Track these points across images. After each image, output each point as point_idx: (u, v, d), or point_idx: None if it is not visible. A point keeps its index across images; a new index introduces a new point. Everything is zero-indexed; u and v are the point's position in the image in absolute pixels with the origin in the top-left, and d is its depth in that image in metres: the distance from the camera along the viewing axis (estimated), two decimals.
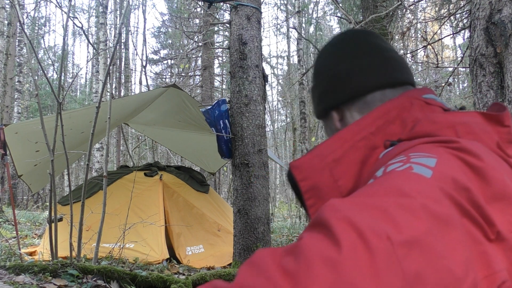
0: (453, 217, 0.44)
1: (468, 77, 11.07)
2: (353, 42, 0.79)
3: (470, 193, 0.47)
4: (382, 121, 0.67)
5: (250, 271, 0.41)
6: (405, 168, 0.49)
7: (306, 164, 0.66)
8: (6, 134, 3.80)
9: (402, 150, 0.57)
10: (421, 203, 0.43)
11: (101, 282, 2.57)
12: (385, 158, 0.59)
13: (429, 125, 0.61)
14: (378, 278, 0.37)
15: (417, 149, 0.55)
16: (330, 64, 0.79)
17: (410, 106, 0.67)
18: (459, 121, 0.60)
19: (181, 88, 4.67)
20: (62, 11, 11.81)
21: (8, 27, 10.57)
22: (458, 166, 0.50)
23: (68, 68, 25.23)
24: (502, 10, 1.82)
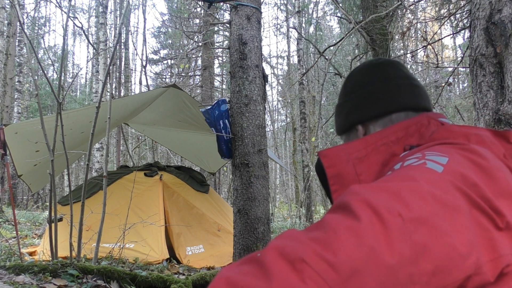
0: (461, 206, 0.49)
1: (468, 77, 11.07)
2: (387, 67, 0.88)
3: (478, 188, 0.52)
4: (403, 133, 0.76)
5: (283, 240, 0.47)
6: (420, 163, 0.56)
7: (333, 154, 0.75)
8: (6, 134, 3.80)
9: (419, 150, 0.64)
10: (429, 190, 0.49)
11: (101, 282, 2.57)
12: (404, 156, 0.66)
13: (445, 133, 0.70)
14: (391, 245, 0.44)
15: (432, 149, 0.62)
16: (364, 83, 0.88)
17: (428, 124, 0.76)
18: (472, 132, 0.68)
19: (181, 88, 4.67)
20: (62, 11, 11.81)
21: (8, 27, 10.56)
22: (467, 165, 0.56)
23: (68, 68, 25.23)
24: (502, 10, 1.82)
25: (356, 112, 0.86)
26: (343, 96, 0.91)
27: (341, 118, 0.90)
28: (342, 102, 0.91)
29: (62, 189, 15.23)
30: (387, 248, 0.44)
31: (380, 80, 0.86)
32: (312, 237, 0.46)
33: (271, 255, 0.45)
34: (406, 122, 0.78)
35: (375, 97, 0.85)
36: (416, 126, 0.77)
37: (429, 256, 0.44)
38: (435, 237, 0.45)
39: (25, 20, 14.56)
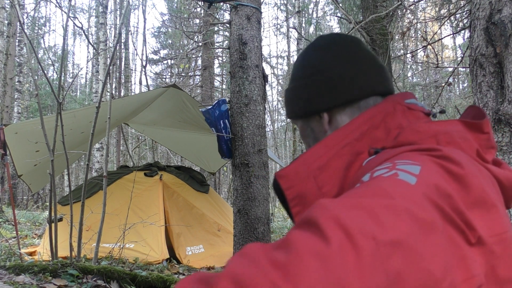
0: (435, 222, 0.46)
1: (468, 77, 11.08)
2: (349, 46, 0.79)
3: (451, 199, 0.49)
4: (367, 127, 0.69)
5: (241, 261, 0.42)
6: (391, 174, 0.51)
7: (292, 173, 0.68)
8: (6, 134, 3.80)
9: (388, 158, 0.58)
10: (405, 206, 0.45)
11: (101, 282, 2.57)
12: (370, 164, 0.61)
13: (412, 135, 0.63)
14: (363, 275, 0.39)
15: (403, 156, 0.57)
16: (328, 65, 0.77)
17: (394, 112, 0.70)
18: (441, 131, 0.63)
19: (181, 88, 4.67)
20: (62, 11, 11.81)
21: (8, 27, 10.57)
22: (440, 174, 0.52)
23: (68, 68, 25.23)
24: (502, 10, 1.82)
25: (320, 99, 0.77)
26: (301, 78, 0.80)
27: (299, 103, 0.79)
28: (300, 85, 0.80)
29: (62, 189, 15.24)
30: (357, 279, 0.39)
31: (344, 61, 0.77)
32: (273, 259, 0.41)
33: (224, 284, 0.40)
34: (369, 113, 0.71)
35: (341, 82, 0.76)
36: (380, 114, 0.70)
37: (403, 285, 0.40)
38: (411, 263, 0.41)
39: (25, 20, 14.56)
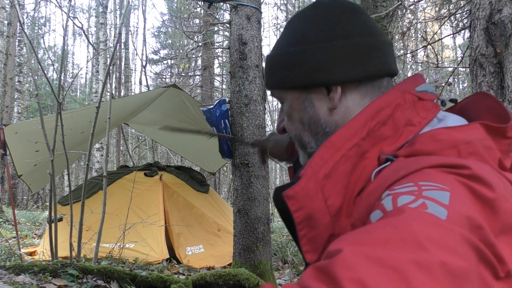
0: (471, 269, 0.41)
1: (468, 77, 11.08)
2: (365, 16, 0.68)
3: (483, 231, 0.44)
4: (374, 122, 0.61)
5: None
6: (418, 205, 0.45)
7: (301, 192, 0.58)
8: (6, 134, 3.80)
9: (407, 174, 0.51)
10: (439, 260, 0.39)
11: (101, 282, 2.57)
12: (385, 178, 0.54)
13: (430, 143, 0.56)
14: None
15: (427, 176, 0.49)
16: (353, 30, 0.66)
17: (403, 103, 0.62)
18: (463, 140, 0.55)
19: (181, 88, 4.67)
20: (62, 11, 11.81)
21: (8, 27, 10.56)
22: (471, 201, 0.47)
23: (68, 68, 25.24)
24: (502, 10, 1.82)
25: (337, 68, 0.64)
26: (312, 41, 0.66)
27: (305, 70, 0.66)
28: (310, 49, 0.66)
29: (62, 189, 15.24)
30: None
31: (369, 30, 0.66)
32: None
33: None
34: (376, 104, 0.62)
35: (365, 52, 0.65)
36: (389, 108, 0.62)
37: None
38: None
39: (25, 20, 14.56)
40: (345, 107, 0.66)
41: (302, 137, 0.70)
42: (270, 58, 0.72)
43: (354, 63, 0.64)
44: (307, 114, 0.68)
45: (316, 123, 0.67)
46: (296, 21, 0.70)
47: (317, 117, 0.67)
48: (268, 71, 0.71)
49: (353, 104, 0.66)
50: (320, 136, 0.68)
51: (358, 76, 0.65)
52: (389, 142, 0.60)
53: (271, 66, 0.71)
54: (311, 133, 0.68)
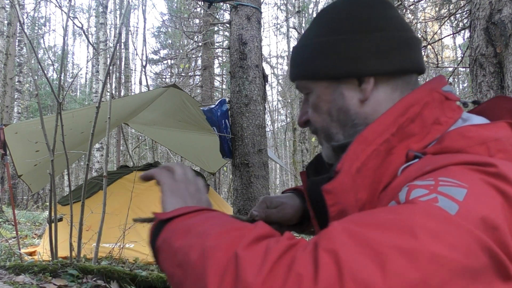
0: (472, 267, 0.40)
1: (468, 77, 11.08)
2: (395, 10, 0.69)
3: (498, 232, 0.43)
4: (404, 119, 0.61)
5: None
6: (429, 199, 0.45)
7: (339, 187, 0.59)
8: (6, 134, 3.80)
9: (431, 170, 0.51)
10: (429, 250, 0.40)
11: (101, 282, 2.57)
12: (409, 173, 0.54)
13: (460, 140, 0.56)
14: None
15: (449, 173, 0.49)
16: (390, 24, 0.66)
17: (432, 102, 0.63)
18: (491, 137, 0.56)
19: (181, 88, 4.67)
20: (62, 11, 11.81)
21: (8, 27, 10.56)
22: (493, 199, 0.46)
23: (68, 68, 25.23)
24: (502, 10, 1.82)
25: (372, 60, 0.64)
26: (347, 31, 0.66)
27: (338, 59, 0.65)
28: (343, 39, 0.65)
29: (62, 189, 15.23)
30: None
31: (398, 27, 0.66)
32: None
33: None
34: (407, 101, 0.62)
35: (397, 47, 0.65)
36: (418, 105, 0.62)
37: None
38: None
39: (25, 20, 14.56)
40: (375, 100, 0.66)
41: (329, 129, 0.69)
42: (298, 48, 0.71)
43: (388, 56, 0.65)
44: (337, 105, 0.67)
45: (346, 114, 0.67)
46: (328, 12, 0.69)
47: (347, 108, 0.67)
48: (296, 61, 0.70)
49: (383, 97, 0.66)
50: (348, 127, 0.67)
51: (391, 69, 0.65)
52: (416, 139, 0.60)
53: (300, 56, 0.70)
54: (339, 125, 0.68)
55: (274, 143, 14.59)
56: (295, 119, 12.58)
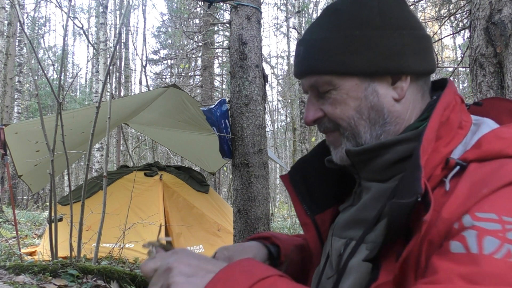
0: None
1: (468, 77, 11.08)
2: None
3: None
4: (440, 122, 0.60)
5: None
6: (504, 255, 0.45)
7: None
8: (6, 134, 3.80)
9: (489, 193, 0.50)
10: None
11: (101, 282, 2.57)
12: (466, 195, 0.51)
13: (497, 142, 0.55)
14: None
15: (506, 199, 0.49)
16: (417, 23, 0.65)
17: (456, 105, 0.62)
18: None
19: (181, 88, 4.67)
20: (62, 11, 11.81)
21: (8, 27, 10.56)
22: None
23: (68, 68, 25.23)
24: (502, 10, 1.82)
25: (409, 57, 0.62)
26: (378, 27, 0.62)
27: (373, 55, 0.62)
28: (377, 35, 0.62)
29: (62, 189, 15.23)
30: None
31: (422, 27, 0.65)
32: None
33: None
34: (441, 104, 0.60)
35: (427, 47, 0.64)
36: (448, 110, 0.61)
37: None
38: None
39: (25, 20, 14.56)
40: (406, 99, 0.64)
41: (357, 127, 0.65)
42: (316, 41, 0.65)
43: (421, 55, 0.63)
44: (369, 103, 0.64)
45: (378, 113, 0.64)
46: (352, 5, 0.65)
47: (381, 107, 0.64)
48: (317, 55, 0.65)
49: (412, 97, 0.65)
50: (378, 127, 0.64)
51: (423, 68, 0.64)
52: (444, 143, 0.59)
53: (322, 50, 0.64)
54: (369, 123, 0.65)
55: (274, 143, 14.59)
56: (295, 119, 12.58)
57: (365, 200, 0.67)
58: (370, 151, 0.64)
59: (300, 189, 0.78)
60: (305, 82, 0.68)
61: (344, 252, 0.66)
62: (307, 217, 0.77)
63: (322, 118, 0.68)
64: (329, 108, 0.66)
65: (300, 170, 0.78)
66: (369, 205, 0.66)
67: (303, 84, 0.69)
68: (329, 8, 0.68)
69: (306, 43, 0.67)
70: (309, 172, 0.78)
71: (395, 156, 0.62)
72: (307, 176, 0.78)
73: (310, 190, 0.77)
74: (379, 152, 0.63)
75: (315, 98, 0.68)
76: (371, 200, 0.66)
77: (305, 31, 0.69)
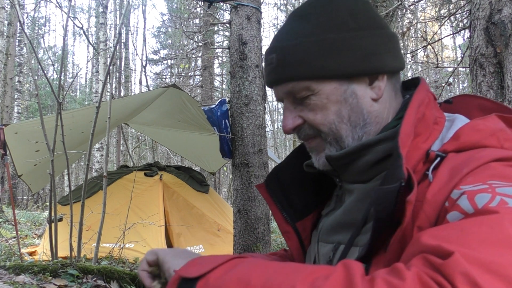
0: None
1: (468, 77, 11.08)
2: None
3: None
4: (416, 119, 0.61)
5: None
6: (499, 202, 0.46)
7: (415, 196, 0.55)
8: (6, 134, 3.80)
9: (470, 171, 0.52)
10: None
11: (101, 282, 2.57)
12: (448, 177, 0.53)
13: (474, 134, 0.58)
14: None
15: (488, 171, 0.51)
16: (383, 22, 0.66)
17: (429, 102, 0.64)
18: (497, 128, 0.58)
19: (181, 88, 4.67)
20: (62, 11, 11.81)
21: (8, 27, 10.56)
22: None
23: (68, 68, 25.23)
24: (502, 10, 1.82)
25: (386, 56, 0.62)
26: (354, 28, 0.62)
27: (352, 56, 0.61)
28: (355, 36, 0.62)
29: (62, 189, 15.23)
30: None
31: (387, 26, 0.66)
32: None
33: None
34: (416, 101, 0.61)
35: (397, 44, 0.65)
36: (423, 105, 0.62)
37: None
38: None
39: (25, 20, 14.56)
40: (383, 98, 0.65)
41: (339, 131, 0.64)
42: (291, 47, 0.63)
43: (393, 53, 0.64)
44: (349, 105, 0.63)
45: (358, 114, 0.64)
46: (321, 9, 0.64)
47: (360, 108, 0.64)
48: (293, 61, 0.63)
49: (387, 94, 0.65)
50: (359, 128, 0.64)
51: (397, 66, 0.64)
52: (423, 139, 0.60)
53: (297, 55, 0.62)
54: (351, 126, 0.64)
55: (274, 143, 14.59)
56: None
57: (349, 202, 0.67)
58: (351, 154, 0.63)
59: (278, 197, 0.76)
60: (281, 89, 0.66)
61: (334, 257, 0.66)
62: (288, 225, 0.75)
63: (302, 125, 0.67)
64: (309, 115, 0.65)
65: (276, 178, 0.77)
66: (354, 208, 0.65)
67: (277, 92, 0.67)
68: (297, 13, 0.67)
69: (278, 50, 0.65)
70: (286, 179, 0.76)
71: (376, 156, 0.62)
72: (284, 183, 0.76)
73: (288, 197, 0.76)
74: (360, 153, 0.63)
75: (292, 105, 0.67)
76: (355, 202, 0.65)
77: (274, 38, 0.67)
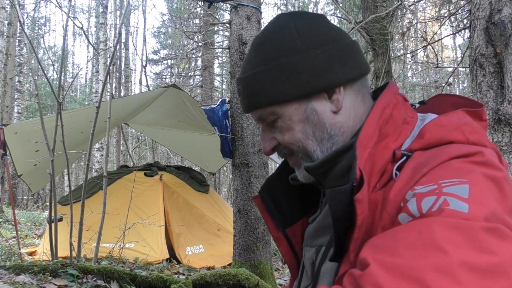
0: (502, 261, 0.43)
1: (468, 77, 11.08)
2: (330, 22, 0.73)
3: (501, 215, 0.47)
4: (381, 121, 0.63)
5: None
6: (440, 204, 0.48)
7: (366, 195, 0.57)
8: (6, 134, 3.80)
9: (428, 171, 0.54)
10: (460, 260, 0.42)
11: (101, 282, 2.57)
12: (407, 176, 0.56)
13: (438, 130, 0.60)
14: None
15: (446, 171, 0.52)
16: (339, 34, 0.68)
17: (397, 103, 0.66)
18: (461, 122, 0.60)
19: (181, 88, 4.67)
20: (62, 11, 11.82)
21: (8, 27, 10.56)
22: (490, 189, 0.50)
23: (68, 68, 25.23)
24: (502, 10, 1.82)
25: (338, 69, 0.65)
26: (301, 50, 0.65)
27: (303, 78, 0.64)
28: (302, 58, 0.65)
29: (62, 189, 15.23)
30: None
31: (343, 35, 0.69)
32: None
33: None
34: (381, 103, 0.64)
35: (352, 53, 0.67)
36: (389, 107, 0.64)
37: None
38: None
39: (25, 20, 14.56)
40: (345, 108, 0.67)
41: (307, 147, 0.68)
42: (249, 77, 0.68)
43: (349, 63, 0.66)
44: (311, 122, 0.67)
45: (322, 129, 0.67)
46: (271, 36, 0.68)
47: (322, 123, 0.67)
48: (254, 91, 0.68)
49: (350, 103, 0.68)
50: (325, 141, 0.67)
51: (354, 75, 0.67)
52: (392, 139, 0.63)
53: (257, 84, 0.67)
54: (316, 141, 0.68)
55: None
56: None
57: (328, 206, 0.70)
58: (326, 163, 0.66)
59: (269, 206, 0.81)
60: (253, 115, 0.72)
61: (316, 259, 0.70)
62: (278, 231, 0.81)
63: (278, 146, 0.72)
64: (279, 136, 0.70)
65: (268, 188, 0.82)
66: None
67: (252, 117, 0.73)
68: (254, 42, 0.71)
69: (243, 81, 0.70)
70: (276, 189, 0.82)
71: (350, 160, 0.64)
72: (275, 193, 0.82)
73: (278, 205, 0.81)
74: (335, 160, 0.65)
75: (267, 128, 0.72)
76: None
77: (241, 69, 0.72)
